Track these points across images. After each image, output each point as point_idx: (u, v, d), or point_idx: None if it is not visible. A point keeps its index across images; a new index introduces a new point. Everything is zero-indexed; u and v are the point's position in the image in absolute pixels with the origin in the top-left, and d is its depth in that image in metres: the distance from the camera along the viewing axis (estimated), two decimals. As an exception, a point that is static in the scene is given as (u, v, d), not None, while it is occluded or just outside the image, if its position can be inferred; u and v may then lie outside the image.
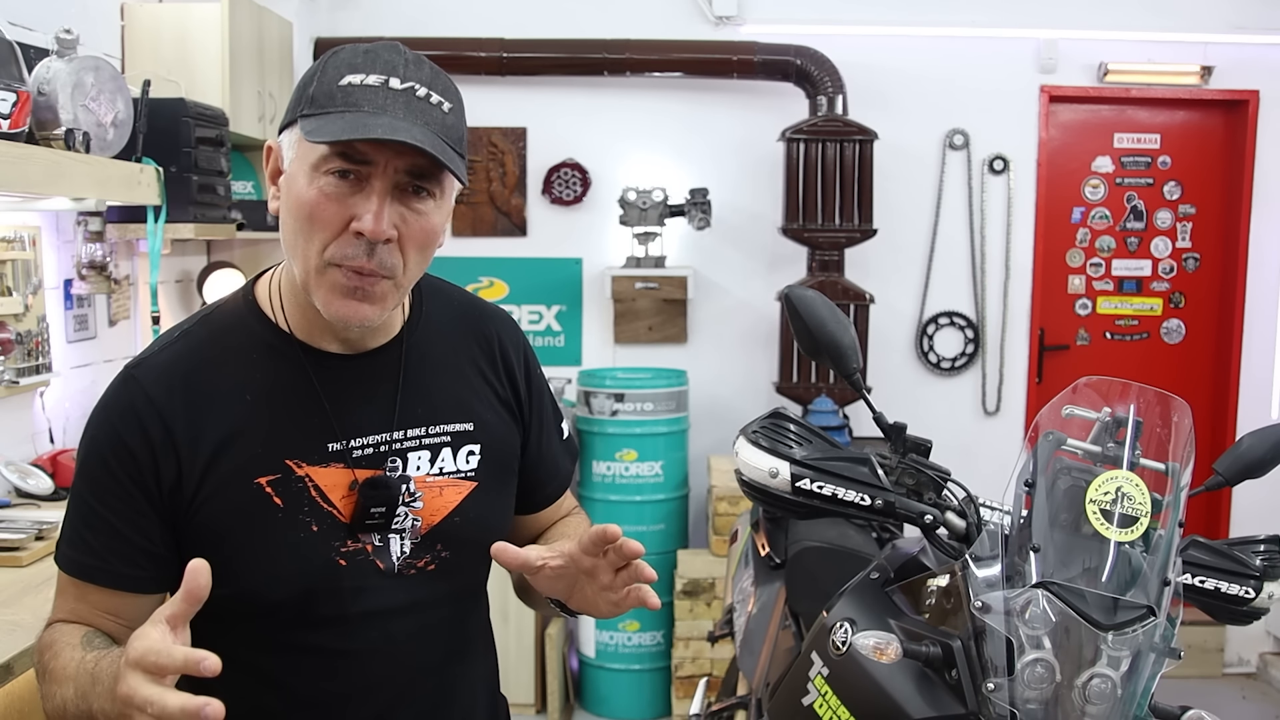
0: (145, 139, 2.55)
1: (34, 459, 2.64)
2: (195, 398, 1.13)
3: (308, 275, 1.11)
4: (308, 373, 1.16)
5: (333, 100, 1.07)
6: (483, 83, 4.17)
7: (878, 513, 1.36)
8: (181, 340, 1.18)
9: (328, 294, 1.10)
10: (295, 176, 1.09)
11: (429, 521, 1.20)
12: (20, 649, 1.65)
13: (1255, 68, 4.26)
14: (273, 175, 1.15)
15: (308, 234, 1.09)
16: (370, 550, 1.17)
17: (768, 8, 4.20)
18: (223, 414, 1.13)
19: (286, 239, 1.12)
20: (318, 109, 1.07)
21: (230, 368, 1.16)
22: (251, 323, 1.19)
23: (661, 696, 3.94)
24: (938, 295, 4.37)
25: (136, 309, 3.16)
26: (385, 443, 1.19)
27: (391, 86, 1.07)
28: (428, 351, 1.24)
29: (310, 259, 1.09)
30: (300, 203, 1.08)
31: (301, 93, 1.11)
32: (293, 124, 1.11)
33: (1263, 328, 4.38)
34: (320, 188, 1.07)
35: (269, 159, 1.16)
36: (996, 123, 4.28)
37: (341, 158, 1.06)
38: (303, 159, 1.09)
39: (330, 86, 1.08)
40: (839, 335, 1.45)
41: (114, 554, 1.13)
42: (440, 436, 1.22)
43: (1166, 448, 1.30)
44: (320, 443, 1.16)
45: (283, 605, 1.14)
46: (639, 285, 4.05)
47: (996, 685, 1.18)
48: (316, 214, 1.07)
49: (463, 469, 1.23)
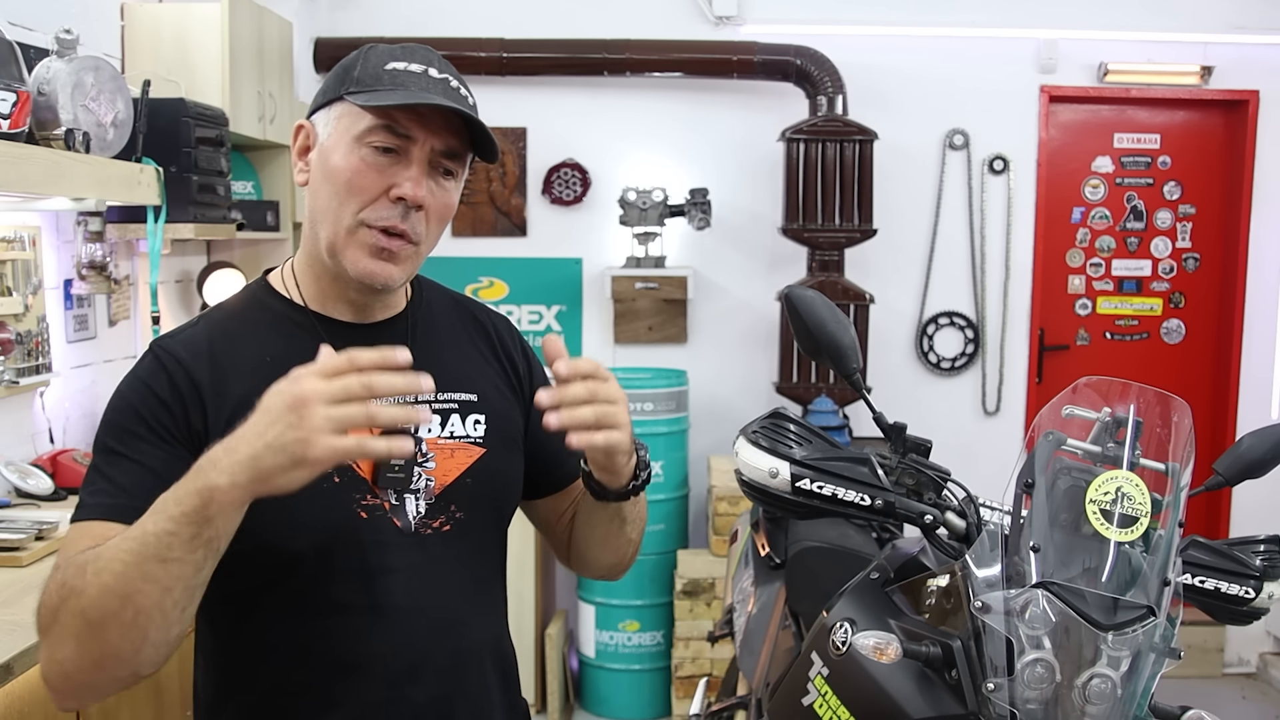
0: (145, 139, 2.56)
1: (34, 459, 2.64)
2: (220, 361, 1.19)
3: (336, 237, 1.19)
4: (323, 338, 1.21)
5: (380, 81, 1.17)
6: (483, 83, 4.17)
7: (878, 513, 1.36)
8: (202, 321, 1.26)
9: (356, 252, 1.19)
10: (334, 147, 1.19)
11: (442, 482, 1.24)
12: (20, 649, 1.66)
13: (1255, 68, 4.27)
14: (301, 152, 1.25)
15: (343, 198, 1.18)
16: (387, 508, 1.21)
17: (768, 8, 4.20)
18: (245, 375, 1.18)
19: (318, 204, 1.21)
20: (365, 87, 1.17)
21: (250, 337, 1.23)
22: (267, 300, 1.27)
23: (661, 696, 3.94)
24: (938, 295, 4.37)
25: (136, 309, 3.16)
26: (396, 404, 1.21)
27: (431, 75, 1.19)
28: (431, 327, 1.32)
29: (343, 220, 1.18)
30: (339, 169, 1.18)
31: (344, 75, 1.20)
32: (332, 103, 1.20)
33: (1263, 328, 4.38)
34: (361, 157, 1.17)
35: (297, 137, 1.25)
36: (996, 123, 4.28)
37: (386, 130, 1.16)
38: (345, 131, 1.18)
39: (376, 70, 1.18)
40: (839, 335, 1.45)
41: (144, 493, 1.07)
42: (448, 403, 1.28)
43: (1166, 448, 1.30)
44: None
45: (304, 556, 1.16)
46: (639, 285, 4.05)
47: (996, 685, 1.18)
48: (355, 180, 1.17)
49: (471, 435, 1.28)
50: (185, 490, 0.98)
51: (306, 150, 1.24)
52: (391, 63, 1.19)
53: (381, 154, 1.17)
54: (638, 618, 3.91)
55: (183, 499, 0.98)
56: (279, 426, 0.95)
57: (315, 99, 1.25)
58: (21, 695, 1.72)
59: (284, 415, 0.95)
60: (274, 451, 0.95)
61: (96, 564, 1.00)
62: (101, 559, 1.00)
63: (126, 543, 0.99)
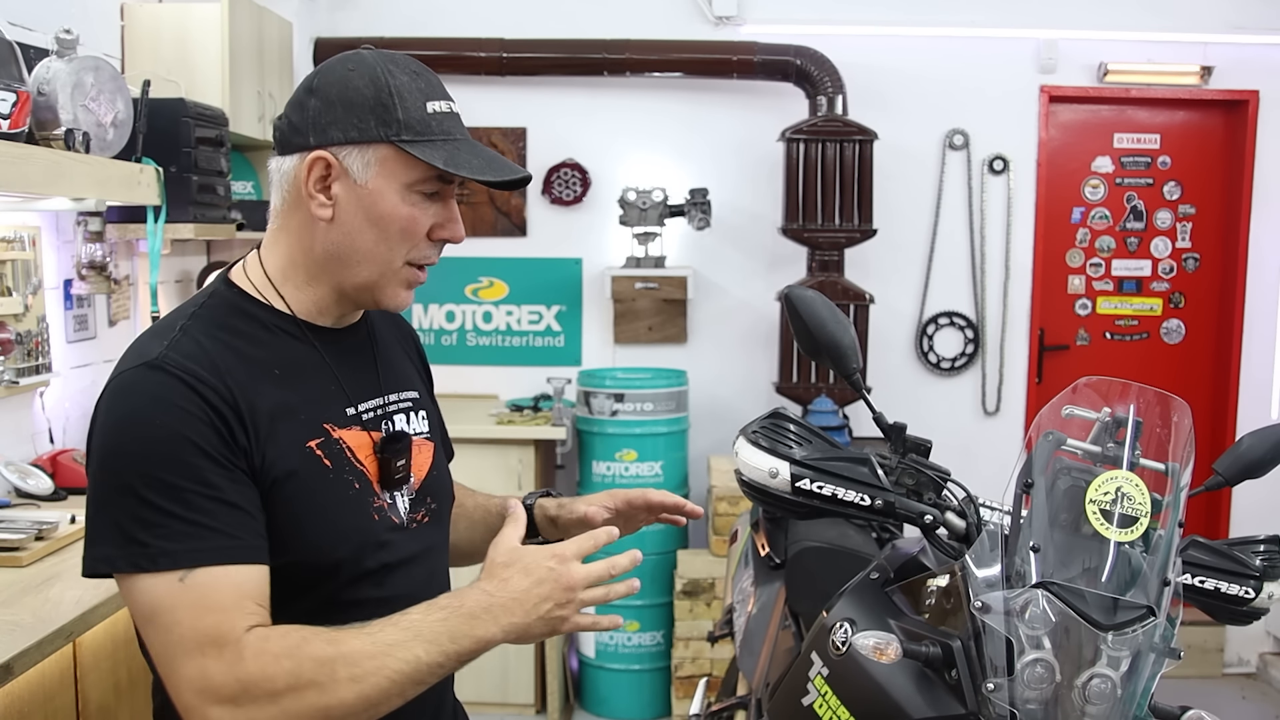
0: (145, 139, 2.55)
1: (34, 459, 2.64)
2: (234, 376, 1.15)
3: (382, 278, 1.23)
4: (314, 345, 1.26)
5: (429, 129, 1.20)
6: (483, 83, 4.17)
7: (878, 513, 1.36)
8: (187, 335, 1.17)
9: (397, 289, 1.25)
10: (382, 193, 1.19)
11: (418, 476, 1.32)
12: (20, 649, 1.65)
13: (1255, 68, 4.26)
14: (321, 185, 1.20)
15: (394, 243, 1.22)
16: (387, 506, 1.26)
17: (768, 8, 4.20)
18: (262, 388, 1.17)
19: (354, 245, 1.21)
20: (417, 135, 1.19)
21: (247, 349, 1.20)
22: (249, 308, 1.24)
23: (661, 696, 3.94)
24: (938, 295, 4.37)
25: (136, 309, 3.16)
26: (381, 406, 1.32)
27: (455, 113, 1.24)
28: (379, 332, 1.39)
29: (394, 264, 1.23)
30: (394, 217, 1.20)
31: (383, 114, 1.18)
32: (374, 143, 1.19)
33: (1263, 328, 4.38)
34: (414, 204, 1.21)
35: (313, 169, 1.19)
36: (996, 123, 4.28)
37: (438, 180, 1.21)
38: (393, 177, 1.19)
39: (420, 114, 1.19)
40: (839, 335, 1.45)
41: (243, 529, 1.10)
42: (405, 402, 1.36)
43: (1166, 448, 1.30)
44: (340, 408, 1.26)
45: (343, 563, 1.20)
46: (639, 285, 4.05)
47: (996, 685, 1.18)
48: (410, 228, 1.21)
49: (423, 430, 1.37)
50: (463, 632, 1.10)
51: (326, 181, 1.19)
52: (428, 103, 1.20)
53: (429, 199, 1.22)
54: (638, 618, 3.91)
55: (459, 639, 1.10)
56: (549, 605, 1.13)
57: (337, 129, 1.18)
58: (21, 695, 1.71)
59: (555, 594, 1.13)
60: (543, 624, 1.13)
61: (350, 669, 1.05)
62: (359, 666, 1.05)
63: (393, 661, 1.06)
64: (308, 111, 1.20)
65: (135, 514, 1.07)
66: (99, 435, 1.12)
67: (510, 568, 1.14)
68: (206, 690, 1.04)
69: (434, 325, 4.40)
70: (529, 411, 4.02)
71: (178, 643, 1.06)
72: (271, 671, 1.04)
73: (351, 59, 1.21)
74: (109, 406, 1.13)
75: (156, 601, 1.07)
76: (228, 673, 1.04)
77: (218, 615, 1.06)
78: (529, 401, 4.11)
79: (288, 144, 1.22)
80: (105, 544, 1.09)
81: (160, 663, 1.09)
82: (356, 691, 1.05)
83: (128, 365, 1.15)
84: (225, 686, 1.04)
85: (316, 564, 1.18)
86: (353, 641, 1.07)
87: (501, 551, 1.17)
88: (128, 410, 1.11)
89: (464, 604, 1.11)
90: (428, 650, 1.07)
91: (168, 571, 1.06)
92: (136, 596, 1.08)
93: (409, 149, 1.18)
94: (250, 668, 1.04)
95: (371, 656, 1.06)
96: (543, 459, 3.94)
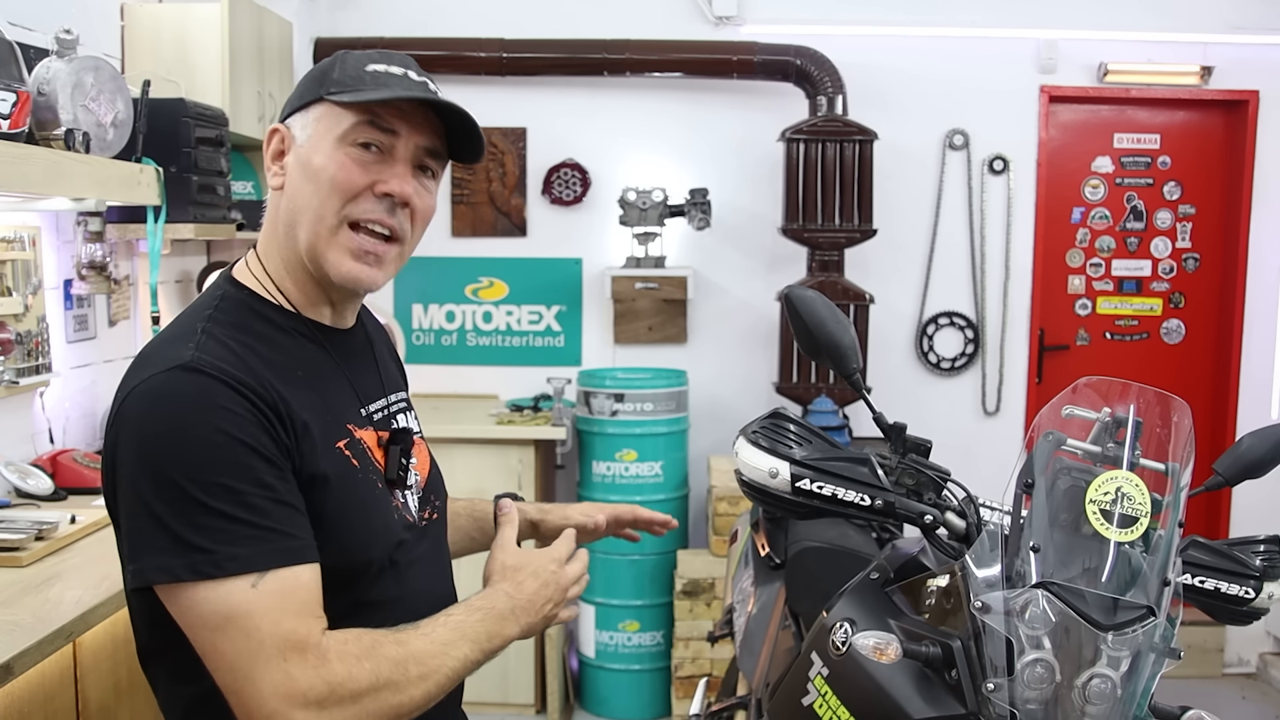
0: (145, 139, 2.55)
1: (34, 459, 2.64)
2: (264, 377, 1.12)
3: (318, 238, 1.18)
4: (324, 345, 1.25)
5: (361, 81, 1.17)
6: (483, 83, 4.17)
7: (878, 513, 1.36)
8: (211, 337, 1.14)
9: (338, 254, 1.18)
10: (316, 148, 1.18)
11: (423, 475, 1.35)
12: (20, 649, 1.65)
13: (1255, 68, 4.26)
14: (275, 156, 1.22)
15: (325, 195, 1.17)
16: (401, 506, 1.27)
17: (768, 8, 4.20)
18: (292, 390, 1.15)
19: (296, 205, 1.19)
20: (346, 88, 1.17)
21: (269, 350, 1.18)
22: (260, 308, 1.22)
23: (661, 696, 3.94)
24: (938, 295, 4.37)
25: (136, 309, 3.16)
26: (386, 405, 1.33)
27: (411, 77, 1.19)
28: (373, 335, 1.40)
29: (326, 219, 1.17)
30: (321, 168, 1.16)
31: (321, 78, 1.20)
32: (311, 105, 1.19)
33: (1263, 328, 4.38)
34: (346, 154, 1.17)
35: (270, 142, 1.23)
36: (996, 123, 4.28)
37: (371, 127, 1.16)
38: (327, 132, 1.17)
39: (356, 71, 1.18)
40: (839, 335, 1.45)
41: (303, 529, 1.10)
42: (401, 402, 1.38)
43: (1166, 448, 1.30)
44: (355, 408, 1.26)
45: (372, 563, 1.21)
46: (639, 285, 4.05)
47: (996, 685, 1.18)
48: (340, 177, 1.16)
49: (418, 429, 1.40)
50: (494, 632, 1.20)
51: (280, 154, 1.22)
52: (371, 65, 1.19)
53: (365, 151, 1.17)
54: (638, 618, 3.91)
55: (494, 638, 1.19)
56: (550, 605, 1.26)
57: (289, 103, 1.23)
58: (21, 695, 1.71)
59: (556, 595, 1.26)
60: (544, 621, 1.26)
61: (419, 668, 1.11)
62: (426, 665, 1.12)
63: (450, 660, 1.14)
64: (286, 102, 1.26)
65: (193, 520, 1.04)
66: (137, 444, 1.07)
67: (521, 571, 1.25)
68: (293, 694, 1.03)
69: (434, 325, 4.40)
70: (529, 411, 4.02)
71: (258, 649, 1.03)
72: (355, 672, 1.06)
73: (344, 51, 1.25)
74: (144, 413, 1.07)
75: (230, 609, 1.03)
76: (314, 675, 1.04)
77: (296, 618, 1.05)
78: (529, 401, 4.11)
79: None
80: (159, 553, 1.04)
81: (233, 672, 1.04)
82: (424, 689, 1.11)
83: (155, 369, 1.09)
84: (313, 690, 1.04)
85: (350, 565, 1.17)
86: (416, 642, 1.12)
87: (510, 555, 1.27)
88: (170, 414, 1.06)
89: (494, 605, 1.21)
90: (473, 649, 1.16)
91: (237, 576, 1.03)
92: (202, 606, 1.04)
93: (334, 98, 1.17)
94: (337, 669, 1.06)
95: (434, 655, 1.12)
96: (543, 459, 3.94)
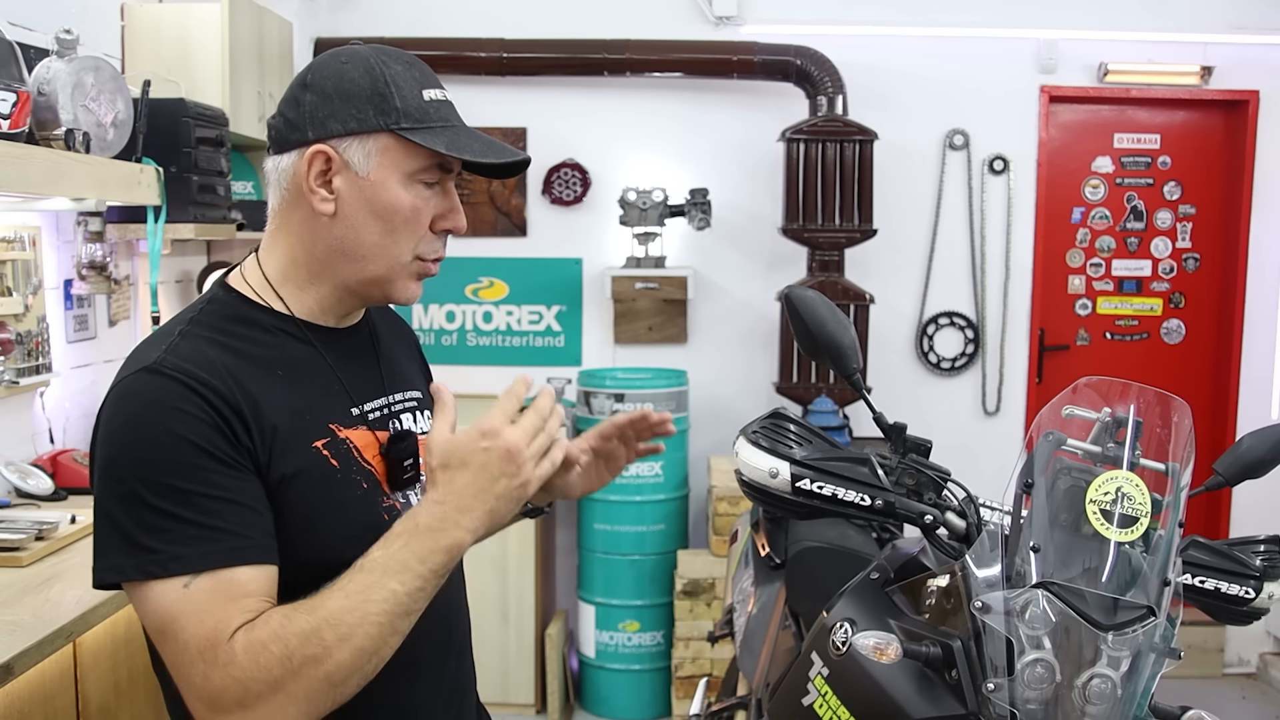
0: (145, 139, 2.55)
1: (34, 459, 2.64)
2: (237, 378, 1.13)
3: (391, 272, 1.22)
4: (315, 346, 1.24)
5: (428, 116, 1.19)
6: (483, 83, 4.17)
7: (878, 513, 1.36)
8: (186, 339, 1.16)
9: (407, 282, 1.24)
10: (384, 183, 1.18)
11: None
12: (20, 649, 1.65)
13: (1255, 68, 4.26)
14: (323, 179, 1.18)
15: (400, 235, 1.20)
16: (399, 507, 1.24)
17: (768, 8, 4.20)
18: (265, 390, 1.15)
19: (357, 239, 1.20)
20: (416, 123, 1.18)
21: (250, 351, 1.18)
22: (248, 311, 1.22)
23: (661, 696, 3.94)
24: (938, 295, 4.37)
25: (136, 309, 3.16)
26: (387, 405, 1.30)
27: (449, 100, 1.22)
28: (381, 333, 1.38)
29: (402, 258, 1.22)
30: (398, 208, 1.19)
31: (380, 104, 1.17)
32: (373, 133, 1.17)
33: (1263, 328, 4.38)
34: (416, 194, 1.20)
35: (313, 163, 1.17)
36: (996, 123, 4.28)
37: (439, 169, 1.20)
38: (394, 167, 1.18)
39: (418, 101, 1.19)
40: (839, 335, 1.45)
41: (253, 529, 1.08)
42: (411, 401, 1.35)
43: (1166, 448, 1.30)
44: (344, 407, 1.24)
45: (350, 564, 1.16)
46: (639, 285, 4.05)
47: (996, 685, 1.18)
48: (415, 218, 1.20)
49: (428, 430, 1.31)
50: (429, 549, 1.07)
51: (327, 175, 1.18)
52: (424, 91, 1.19)
53: (430, 188, 1.21)
54: (638, 618, 3.91)
55: (428, 557, 1.06)
56: (503, 481, 1.09)
57: (337, 123, 1.17)
58: (21, 695, 1.71)
59: (504, 468, 1.09)
60: (505, 501, 1.09)
61: (336, 629, 1.03)
62: (343, 623, 1.04)
63: (372, 605, 1.04)
64: (303, 107, 1.18)
65: (143, 521, 1.05)
66: (101, 444, 1.10)
67: (448, 468, 1.09)
68: (212, 699, 1.02)
69: (434, 325, 4.40)
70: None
71: (182, 651, 1.03)
72: (264, 661, 1.02)
73: (344, 53, 1.20)
74: (109, 415, 1.11)
75: (165, 610, 1.04)
76: (226, 676, 1.02)
77: (215, 619, 1.04)
78: (529, 401, 4.10)
79: (284, 141, 1.19)
80: (115, 553, 1.06)
81: (174, 674, 1.06)
82: (350, 649, 1.03)
83: (127, 372, 1.13)
84: (227, 692, 1.02)
85: (327, 564, 1.14)
86: (330, 603, 1.05)
87: (435, 453, 1.10)
88: (127, 416, 1.09)
89: (419, 522, 1.08)
90: (401, 581, 1.05)
91: (178, 577, 1.04)
92: (148, 606, 1.05)
93: (410, 136, 1.16)
94: (244, 665, 1.02)
95: (351, 609, 1.04)
96: (543, 459, 3.93)
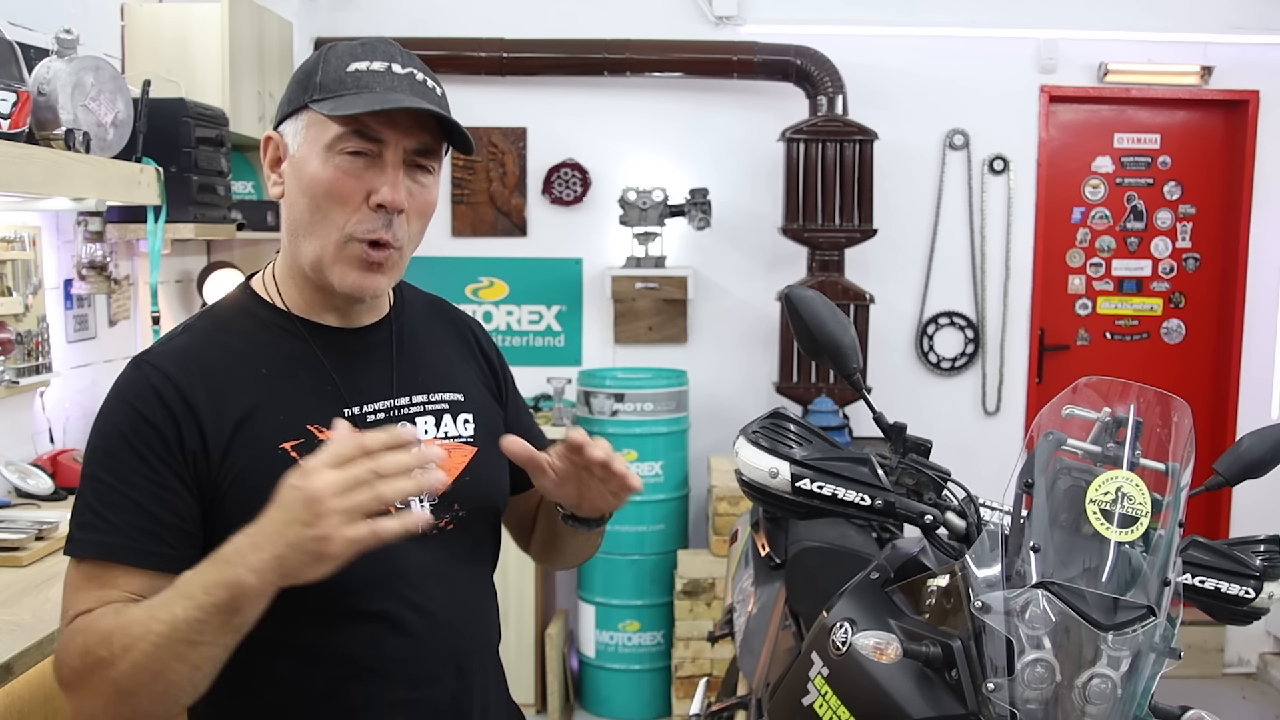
0: (145, 139, 2.55)
1: (34, 459, 2.64)
2: (212, 375, 1.16)
3: (324, 253, 1.17)
4: (312, 345, 1.23)
5: (343, 85, 1.15)
6: (483, 83, 4.17)
7: (878, 513, 1.36)
8: (186, 332, 1.22)
9: (344, 267, 1.18)
10: (306, 159, 1.16)
11: None
12: (20, 649, 1.65)
13: (1255, 68, 4.27)
14: (273, 164, 1.22)
15: (325, 210, 1.16)
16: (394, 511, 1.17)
17: (768, 8, 4.20)
18: (241, 388, 1.16)
19: (298, 219, 1.18)
20: (329, 93, 1.15)
21: (240, 347, 1.20)
22: (253, 308, 1.24)
23: (661, 696, 3.94)
24: (938, 295, 4.37)
25: (136, 309, 3.16)
26: (393, 408, 1.26)
27: (395, 71, 1.16)
28: (414, 332, 1.33)
29: (330, 235, 1.17)
30: (316, 181, 1.15)
31: (305, 82, 1.18)
32: (298, 111, 1.18)
33: (1263, 328, 4.38)
34: (336, 165, 1.15)
35: (267, 150, 1.22)
36: (996, 123, 4.28)
37: (357, 136, 1.14)
38: (315, 141, 1.16)
39: (339, 73, 1.16)
40: (839, 335, 1.45)
41: (141, 531, 1.09)
42: (439, 404, 1.29)
43: (1166, 448, 1.30)
44: (335, 409, 1.21)
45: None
46: (639, 285, 4.05)
47: (996, 685, 1.18)
48: (335, 190, 1.15)
49: (464, 434, 1.30)
50: (214, 580, 0.98)
51: (278, 162, 1.21)
52: (353, 63, 1.16)
53: (355, 159, 1.15)
54: (638, 618, 3.91)
55: (212, 589, 0.97)
56: (296, 527, 0.95)
57: (280, 108, 1.21)
58: (21, 695, 1.71)
59: (300, 514, 0.95)
60: (296, 552, 0.96)
61: (123, 638, 0.99)
62: (129, 634, 0.99)
63: (155, 624, 0.98)
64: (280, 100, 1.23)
65: (77, 504, 1.12)
66: None
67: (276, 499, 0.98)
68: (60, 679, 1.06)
69: (434, 325, 4.40)
70: (529, 411, 4.02)
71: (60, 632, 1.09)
72: (73, 649, 1.04)
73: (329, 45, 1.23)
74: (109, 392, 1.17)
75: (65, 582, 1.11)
76: (57, 655, 1.07)
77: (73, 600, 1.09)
78: (529, 401, 4.11)
79: None
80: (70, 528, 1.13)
81: None
82: (129, 662, 0.98)
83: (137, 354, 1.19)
84: (58, 669, 1.06)
85: None
86: (135, 610, 1.01)
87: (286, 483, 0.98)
88: (102, 404, 1.15)
89: (222, 550, 0.99)
90: (184, 606, 0.97)
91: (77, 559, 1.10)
92: None
93: (317, 108, 1.15)
94: (64, 649, 1.06)
95: (140, 622, 0.99)
96: (543, 459, 3.93)
